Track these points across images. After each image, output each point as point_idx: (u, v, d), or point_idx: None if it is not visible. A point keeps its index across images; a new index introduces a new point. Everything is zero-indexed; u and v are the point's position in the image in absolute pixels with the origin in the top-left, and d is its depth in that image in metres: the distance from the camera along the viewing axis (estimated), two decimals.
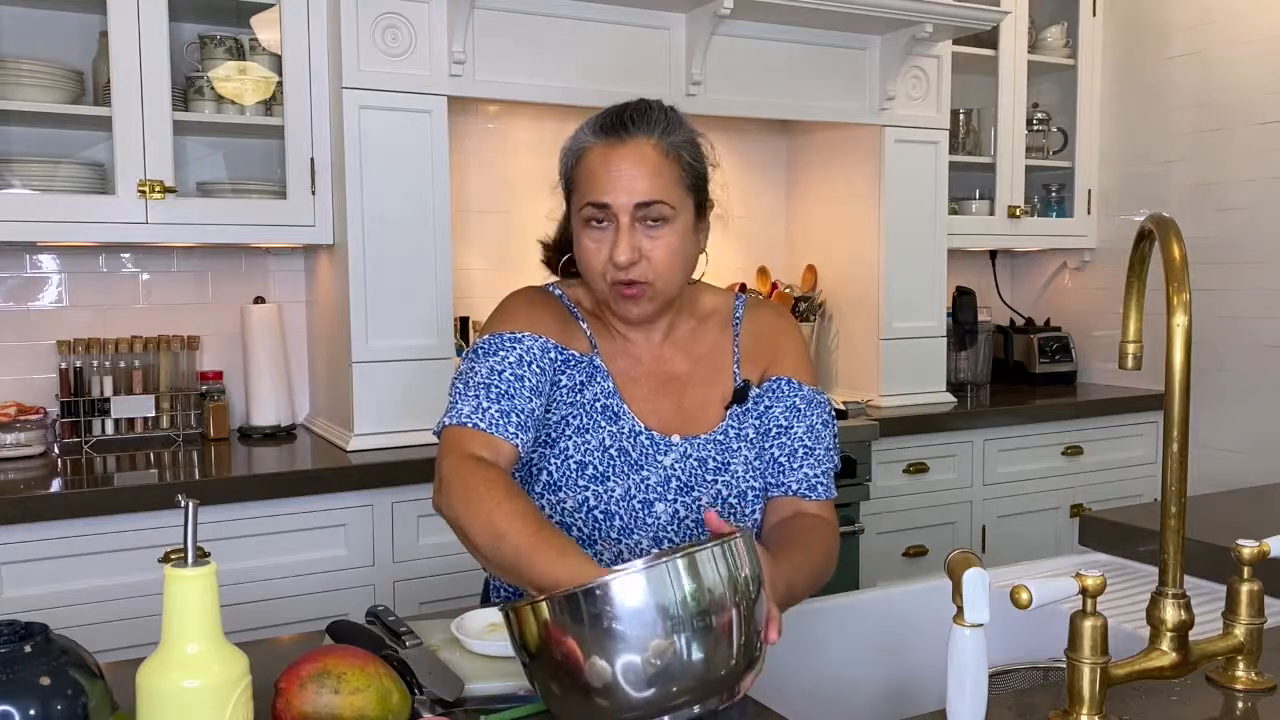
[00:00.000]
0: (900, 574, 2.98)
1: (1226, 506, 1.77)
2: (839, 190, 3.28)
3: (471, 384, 1.31)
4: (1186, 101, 3.37)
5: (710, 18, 2.67)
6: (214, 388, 2.68)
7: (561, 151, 1.41)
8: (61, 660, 0.83)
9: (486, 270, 3.02)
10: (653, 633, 0.90)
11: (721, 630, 0.93)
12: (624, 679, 0.90)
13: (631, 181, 1.31)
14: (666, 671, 0.91)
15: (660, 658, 0.90)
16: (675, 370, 1.44)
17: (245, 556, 2.20)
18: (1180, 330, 0.98)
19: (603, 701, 0.91)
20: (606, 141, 1.34)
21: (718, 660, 0.93)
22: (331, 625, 1.19)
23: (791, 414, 1.42)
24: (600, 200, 1.32)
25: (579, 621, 0.90)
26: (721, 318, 1.50)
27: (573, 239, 1.39)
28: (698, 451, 1.39)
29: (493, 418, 1.28)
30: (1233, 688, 1.05)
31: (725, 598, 0.93)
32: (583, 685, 0.91)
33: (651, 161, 1.32)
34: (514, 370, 1.32)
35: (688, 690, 0.92)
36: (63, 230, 2.32)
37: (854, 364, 3.24)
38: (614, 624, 0.90)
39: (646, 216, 1.32)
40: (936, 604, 1.32)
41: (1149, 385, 3.43)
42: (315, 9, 2.49)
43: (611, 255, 1.32)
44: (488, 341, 1.37)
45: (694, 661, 0.92)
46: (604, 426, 1.36)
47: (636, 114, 1.35)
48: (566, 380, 1.38)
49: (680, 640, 0.91)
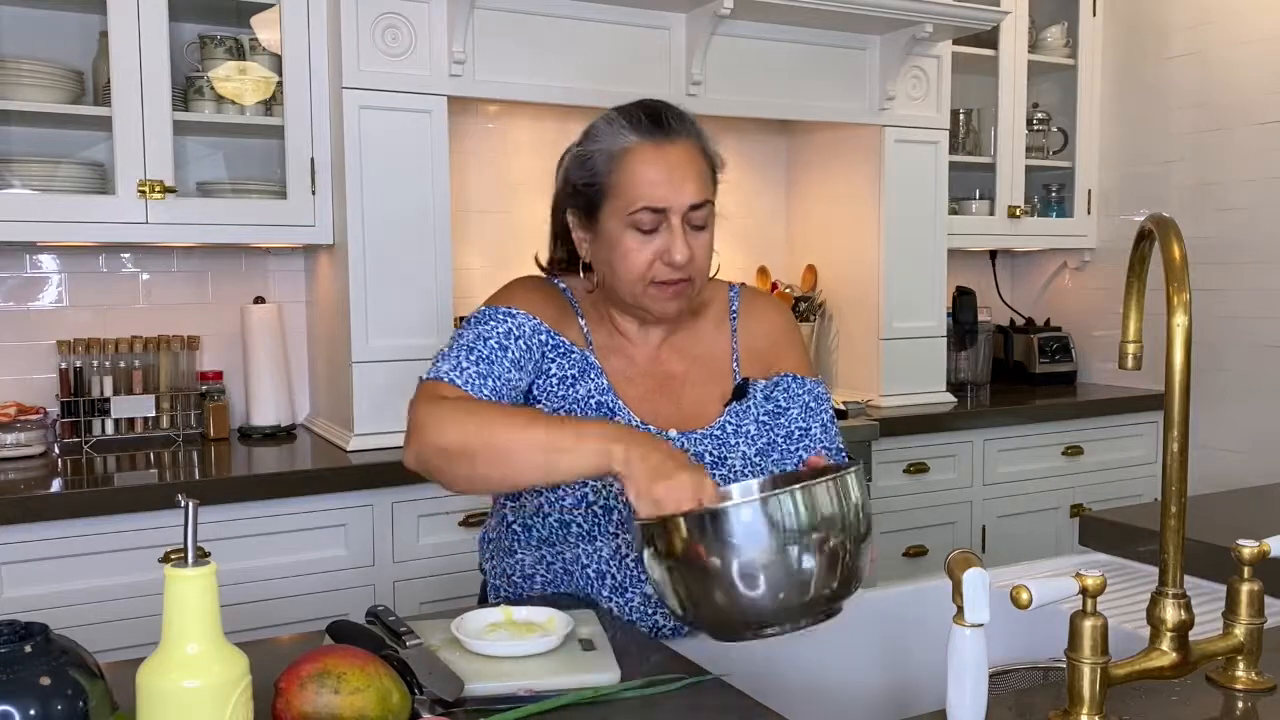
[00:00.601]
0: (900, 574, 2.98)
1: (1226, 506, 1.77)
2: (839, 190, 3.28)
3: (455, 347, 1.35)
4: (1186, 101, 3.37)
5: (710, 18, 2.67)
6: (214, 388, 2.68)
7: (585, 154, 1.37)
8: (61, 660, 0.83)
9: (486, 270, 3.02)
10: (778, 550, 1.02)
11: (845, 549, 1.05)
12: (756, 589, 1.03)
13: (685, 182, 1.32)
14: (791, 584, 1.02)
15: (784, 573, 1.02)
16: (672, 370, 1.45)
17: (245, 556, 2.20)
18: (1180, 330, 0.98)
19: (737, 607, 1.04)
20: (654, 142, 1.33)
21: (835, 575, 1.05)
22: (331, 625, 1.19)
23: (806, 414, 1.45)
24: (660, 205, 1.31)
25: (719, 537, 1.02)
26: (717, 313, 1.50)
27: (600, 244, 1.38)
28: (695, 446, 1.39)
29: (470, 377, 1.30)
30: (1233, 688, 1.05)
31: (842, 521, 1.05)
32: (723, 591, 1.03)
33: (698, 162, 1.35)
34: (500, 340, 1.34)
35: (810, 602, 1.04)
36: (63, 230, 2.32)
37: (854, 364, 3.24)
38: (751, 540, 1.01)
39: (693, 219, 1.33)
40: (936, 604, 1.32)
41: (1149, 385, 3.43)
42: (315, 9, 2.49)
43: (665, 255, 1.32)
44: (481, 313, 1.39)
45: (819, 574, 1.03)
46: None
47: (674, 115, 1.36)
48: (557, 370, 1.39)
49: (804, 557, 1.03)
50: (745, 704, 1.05)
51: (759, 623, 1.05)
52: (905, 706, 1.35)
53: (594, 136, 1.38)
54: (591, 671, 1.10)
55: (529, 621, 1.22)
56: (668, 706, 1.04)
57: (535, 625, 1.21)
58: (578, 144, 1.41)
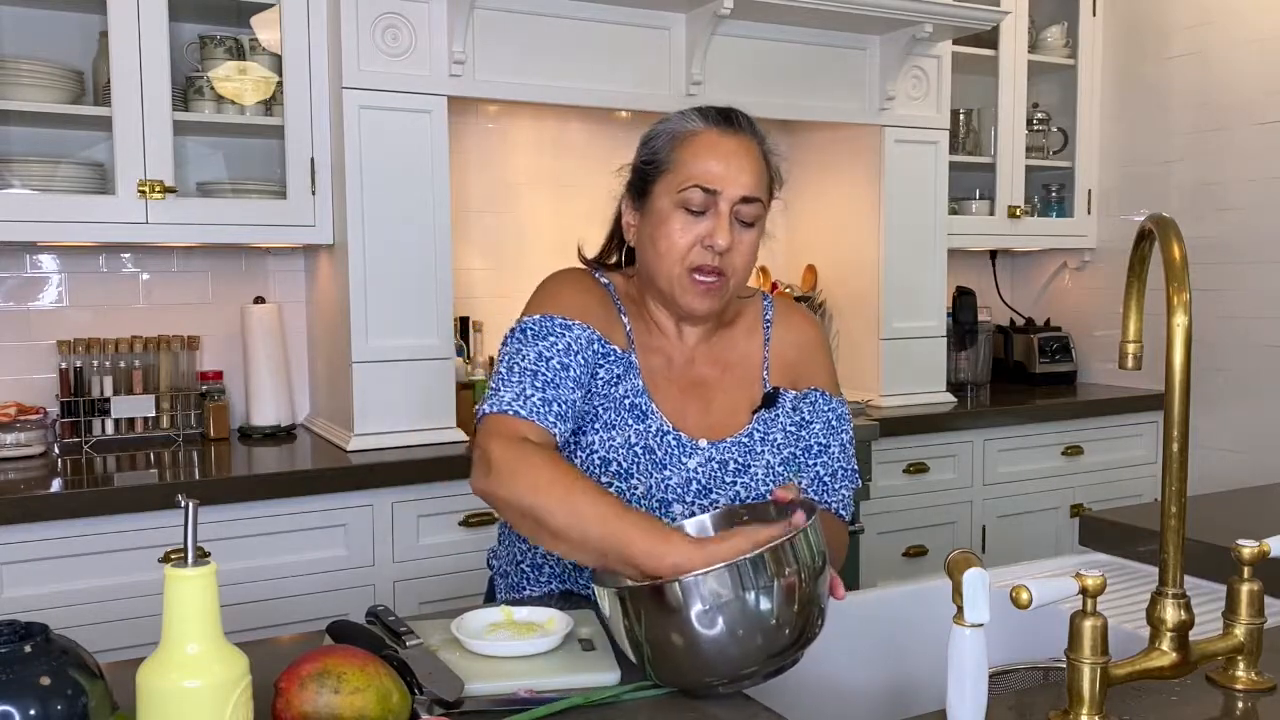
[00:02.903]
0: (900, 574, 2.98)
1: (1226, 506, 1.77)
2: (839, 190, 3.28)
3: (516, 369, 1.32)
4: (1186, 101, 3.37)
5: (710, 18, 2.67)
6: (214, 388, 2.68)
7: (651, 134, 1.40)
8: (61, 660, 0.83)
9: (486, 270, 3.02)
10: (744, 612, 1.02)
11: (801, 598, 1.04)
12: (720, 650, 1.02)
13: (741, 173, 1.34)
14: (753, 641, 1.02)
15: (748, 629, 1.01)
16: (704, 375, 1.45)
17: (245, 556, 2.20)
18: (1180, 330, 0.98)
19: (705, 665, 1.03)
20: (720, 129, 1.36)
21: (797, 623, 1.04)
22: (331, 625, 1.19)
23: (829, 432, 1.46)
24: (711, 185, 1.33)
25: (688, 605, 1.01)
26: (749, 321, 1.51)
27: (647, 221, 1.38)
28: (721, 455, 1.39)
29: (534, 405, 1.29)
30: (1233, 688, 1.05)
31: (803, 574, 1.04)
32: (690, 653, 1.03)
33: (757, 160, 1.37)
34: (561, 359, 1.33)
35: (775, 650, 1.04)
36: (63, 230, 2.32)
37: (854, 364, 3.24)
38: (717, 608, 1.01)
39: (743, 213, 1.34)
40: (936, 604, 1.32)
41: (1149, 385, 3.43)
42: (315, 9, 2.49)
43: (706, 239, 1.33)
44: (537, 323, 1.36)
45: (780, 627, 1.03)
46: (631, 425, 1.37)
47: (744, 117, 1.39)
48: (604, 374, 1.38)
49: (764, 610, 1.02)
50: (745, 704, 1.05)
51: (712, 684, 1.04)
52: (905, 706, 1.35)
53: (663, 121, 1.41)
54: (592, 672, 1.10)
55: (529, 621, 1.22)
56: (668, 707, 1.05)
57: (535, 625, 1.21)
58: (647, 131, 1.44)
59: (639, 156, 1.42)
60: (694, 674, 1.04)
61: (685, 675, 1.04)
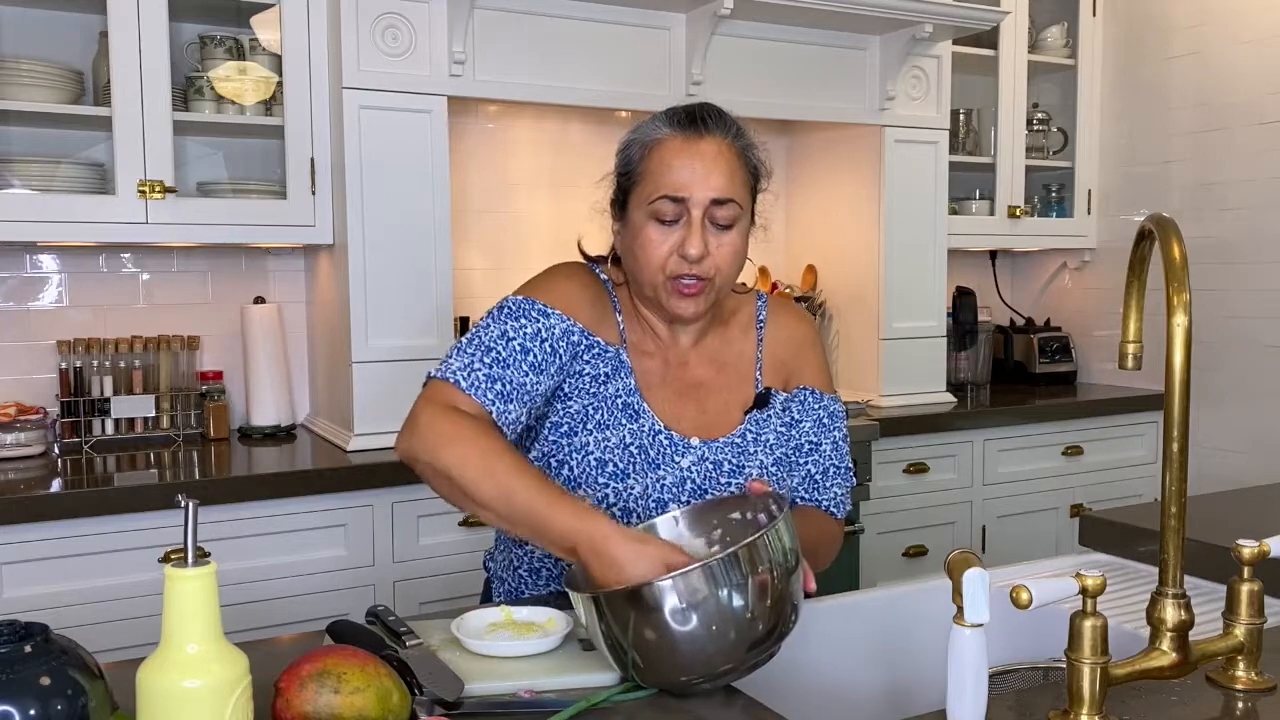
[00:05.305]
0: (900, 574, 2.98)
1: (1226, 506, 1.77)
2: (839, 190, 3.28)
3: (475, 342, 1.33)
4: (1186, 101, 3.37)
5: (710, 18, 2.67)
6: (214, 388, 2.68)
7: (624, 144, 1.39)
8: (61, 660, 0.83)
9: (486, 270, 3.02)
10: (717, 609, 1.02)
11: (774, 594, 1.05)
12: (695, 648, 1.02)
13: (709, 176, 1.31)
14: (726, 635, 1.02)
15: (722, 625, 1.02)
16: (698, 376, 1.44)
17: (245, 556, 2.20)
18: (1180, 330, 0.98)
19: (681, 663, 1.04)
20: (685, 135, 1.33)
21: (771, 618, 1.05)
22: (331, 625, 1.19)
23: (819, 429, 1.46)
24: (678, 194, 1.31)
25: (658, 608, 1.01)
26: (743, 321, 1.50)
27: (626, 233, 1.38)
28: (715, 455, 1.39)
29: (477, 380, 1.29)
30: (1233, 688, 1.05)
31: (777, 566, 1.05)
32: (667, 653, 1.03)
33: (728, 160, 1.34)
34: (523, 343, 1.32)
35: (749, 644, 1.04)
36: (63, 230, 2.32)
37: (854, 364, 3.24)
38: (690, 609, 1.01)
39: (717, 216, 1.32)
40: (936, 604, 1.32)
41: (1149, 385, 3.43)
42: (315, 9, 2.49)
43: (680, 248, 1.32)
44: (516, 304, 1.36)
45: (754, 622, 1.03)
46: (624, 424, 1.37)
47: (710, 113, 1.36)
48: (589, 369, 1.38)
49: (740, 606, 1.02)
50: (745, 704, 1.05)
51: (688, 682, 1.05)
52: (905, 706, 1.35)
53: (635, 129, 1.39)
54: (591, 672, 1.10)
55: (529, 621, 1.22)
56: (668, 707, 1.05)
57: (535, 625, 1.21)
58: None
59: (616, 167, 1.41)
60: (671, 673, 1.04)
61: (663, 675, 1.05)
